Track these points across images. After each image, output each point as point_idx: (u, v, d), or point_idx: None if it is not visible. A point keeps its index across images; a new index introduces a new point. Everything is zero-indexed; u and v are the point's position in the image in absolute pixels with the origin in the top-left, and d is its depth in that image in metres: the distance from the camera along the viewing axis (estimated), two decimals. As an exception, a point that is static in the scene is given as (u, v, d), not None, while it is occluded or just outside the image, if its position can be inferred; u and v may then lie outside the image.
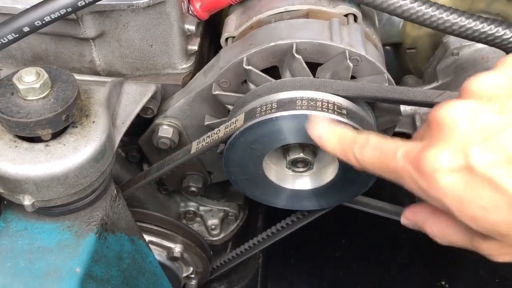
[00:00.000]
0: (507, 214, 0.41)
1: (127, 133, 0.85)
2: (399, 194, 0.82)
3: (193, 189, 0.87)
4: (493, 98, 0.43)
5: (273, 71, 0.69)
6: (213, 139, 0.67)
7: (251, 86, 0.67)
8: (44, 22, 0.58)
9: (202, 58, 0.84)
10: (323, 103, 0.62)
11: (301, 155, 0.68)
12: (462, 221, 0.44)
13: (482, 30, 0.68)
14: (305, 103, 0.62)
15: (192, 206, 1.00)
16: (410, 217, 0.55)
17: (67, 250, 0.63)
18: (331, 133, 0.55)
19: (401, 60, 1.02)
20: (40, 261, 0.62)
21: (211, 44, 0.90)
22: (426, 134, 0.46)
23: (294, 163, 0.70)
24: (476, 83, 0.45)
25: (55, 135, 0.60)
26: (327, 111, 0.62)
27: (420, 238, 1.23)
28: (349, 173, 0.68)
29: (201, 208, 1.00)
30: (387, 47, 1.02)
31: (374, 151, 0.49)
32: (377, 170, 0.49)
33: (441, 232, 0.51)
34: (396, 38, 0.98)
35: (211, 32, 0.90)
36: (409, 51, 0.99)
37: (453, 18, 0.68)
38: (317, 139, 0.56)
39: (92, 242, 0.64)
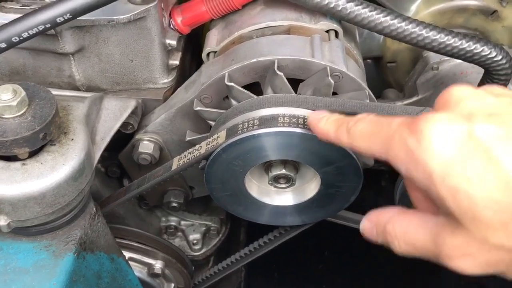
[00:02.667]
0: (490, 190, 0.39)
1: (107, 149, 0.84)
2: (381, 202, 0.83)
3: (174, 204, 0.86)
4: (503, 95, 0.44)
5: (255, 87, 0.69)
6: (194, 155, 0.67)
7: (233, 102, 0.67)
8: (21, 38, 0.58)
9: (184, 73, 0.83)
10: (305, 120, 0.62)
11: (283, 171, 0.68)
12: (438, 195, 0.41)
13: (460, 47, 0.69)
14: (287, 120, 0.62)
15: (173, 221, 0.98)
16: (373, 218, 0.50)
17: (44, 270, 0.61)
18: (329, 116, 0.54)
19: (382, 73, 1.03)
20: (16, 282, 0.60)
21: (193, 58, 0.90)
22: (434, 109, 0.46)
23: (276, 179, 0.69)
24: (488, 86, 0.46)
25: (33, 154, 0.58)
26: (309, 128, 0.62)
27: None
28: (331, 189, 0.68)
29: (183, 222, 0.99)
30: (368, 61, 1.03)
31: (369, 123, 0.48)
32: (366, 141, 0.47)
33: (403, 230, 0.47)
34: (377, 52, 0.99)
35: (192, 46, 0.89)
36: (390, 64, 1.00)
37: (432, 35, 0.68)
38: (314, 122, 0.55)
39: (70, 262, 0.62)
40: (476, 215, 0.39)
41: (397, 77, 1.00)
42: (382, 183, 1.34)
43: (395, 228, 0.47)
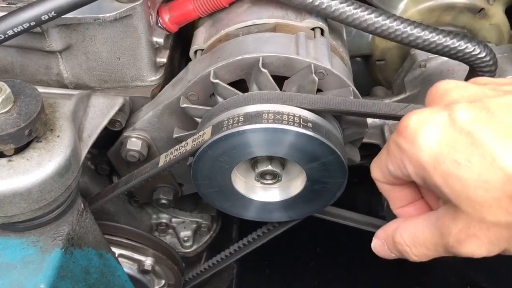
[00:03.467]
0: (478, 170, 0.40)
1: (97, 146, 0.84)
2: (373, 206, 0.83)
3: (163, 201, 0.86)
4: (488, 83, 0.46)
5: (241, 84, 0.70)
6: (180, 152, 0.67)
7: (219, 99, 0.68)
8: (6, 36, 0.58)
9: (173, 71, 0.84)
10: (289, 117, 0.63)
11: (269, 167, 0.68)
12: (434, 184, 0.43)
13: (445, 44, 0.70)
14: (271, 116, 0.63)
15: (164, 218, 0.99)
16: (381, 234, 0.53)
17: (32, 266, 0.62)
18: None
19: (371, 71, 1.04)
20: (3, 277, 0.61)
21: (182, 56, 0.90)
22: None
23: (262, 176, 0.70)
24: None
25: (19, 150, 0.59)
26: (293, 124, 0.62)
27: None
28: (317, 185, 0.69)
29: (174, 220, 1.00)
30: (357, 59, 1.04)
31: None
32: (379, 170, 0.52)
33: (411, 235, 0.49)
34: (366, 50, 1.00)
35: (182, 45, 0.90)
36: (379, 62, 1.01)
37: (417, 32, 0.69)
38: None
39: (58, 258, 0.63)
40: (470, 196, 0.41)
41: (386, 75, 1.01)
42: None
43: (402, 236, 0.49)
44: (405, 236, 0.49)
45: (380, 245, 0.53)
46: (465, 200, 0.42)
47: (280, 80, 0.67)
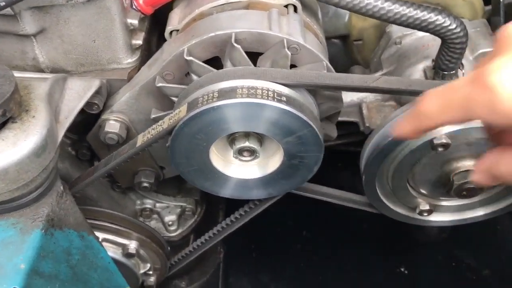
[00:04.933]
0: None
1: (76, 131, 0.85)
2: (358, 190, 0.85)
3: (145, 184, 0.87)
4: None
5: (216, 62, 0.70)
6: (158, 131, 0.68)
7: (194, 77, 0.68)
8: (-23, 17, 0.58)
9: (150, 53, 0.84)
10: (263, 91, 0.64)
11: (247, 143, 0.69)
12: None
13: (415, 17, 0.70)
14: (245, 91, 0.63)
15: (148, 203, 0.99)
16: (481, 165, 0.50)
17: (12, 247, 0.62)
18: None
19: (350, 52, 1.04)
20: (-17, 259, 0.61)
21: (160, 40, 0.91)
22: (493, 54, 0.45)
23: (240, 152, 0.71)
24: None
25: (-6, 131, 0.59)
26: (267, 99, 0.63)
27: (379, 227, 1.26)
28: (294, 159, 0.70)
29: (158, 205, 1.00)
30: (335, 40, 1.05)
31: (435, 97, 0.47)
32: (444, 112, 0.46)
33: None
34: (343, 30, 1.01)
35: (160, 28, 0.90)
36: (356, 42, 1.01)
37: (387, 6, 0.70)
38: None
39: (38, 238, 0.63)
40: None
41: (363, 55, 1.02)
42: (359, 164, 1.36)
43: (507, 167, 0.48)
44: (509, 167, 0.48)
45: (481, 177, 0.51)
46: None
47: (254, 57, 0.68)
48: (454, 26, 0.71)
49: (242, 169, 0.73)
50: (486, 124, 0.48)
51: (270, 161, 0.72)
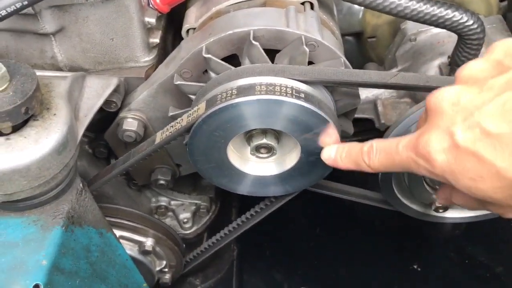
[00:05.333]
0: (491, 182, 0.46)
1: (94, 130, 0.85)
2: (372, 180, 0.85)
3: (162, 182, 0.87)
4: (476, 81, 0.48)
5: (234, 60, 0.70)
6: (176, 128, 0.68)
7: (212, 74, 0.69)
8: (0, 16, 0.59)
9: (166, 52, 0.85)
10: (282, 88, 0.64)
11: (264, 140, 0.69)
12: (458, 188, 0.49)
13: (432, 13, 0.70)
14: (264, 88, 0.64)
15: (163, 201, 1.00)
16: (440, 195, 0.63)
17: (33, 243, 0.63)
18: (341, 152, 0.62)
19: (363, 49, 1.04)
20: (5, 255, 0.62)
21: (175, 38, 0.91)
22: (424, 121, 0.52)
23: (257, 149, 0.71)
24: (464, 70, 0.50)
25: (16, 128, 0.60)
26: (286, 95, 0.63)
27: (391, 224, 1.26)
28: (311, 156, 0.70)
29: (173, 202, 1.01)
30: (349, 37, 1.05)
31: (380, 153, 0.56)
32: (388, 168, 0.56)
33: (462, 201, 0.57)
34: (357, 27, 1.01)
35: (175, 27, 0.91)
36: (370, 39, 1.01)
37: (404, 2, 0.70)
38: (330, 161, 0.64)
39: (59, 235, 0.64)
40: (492, 197, 0.49)
41: (378, 52, 1.02)
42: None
43: (458, 201, 0.58)
44: (460, 201, 0.58)
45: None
46: (489, 200, 0.49)
47: (272, 54, 0.68)
48: (471, 22, 0.71)
49: (259, 166, 0.73)
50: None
51: (287, 158, 0.72)
